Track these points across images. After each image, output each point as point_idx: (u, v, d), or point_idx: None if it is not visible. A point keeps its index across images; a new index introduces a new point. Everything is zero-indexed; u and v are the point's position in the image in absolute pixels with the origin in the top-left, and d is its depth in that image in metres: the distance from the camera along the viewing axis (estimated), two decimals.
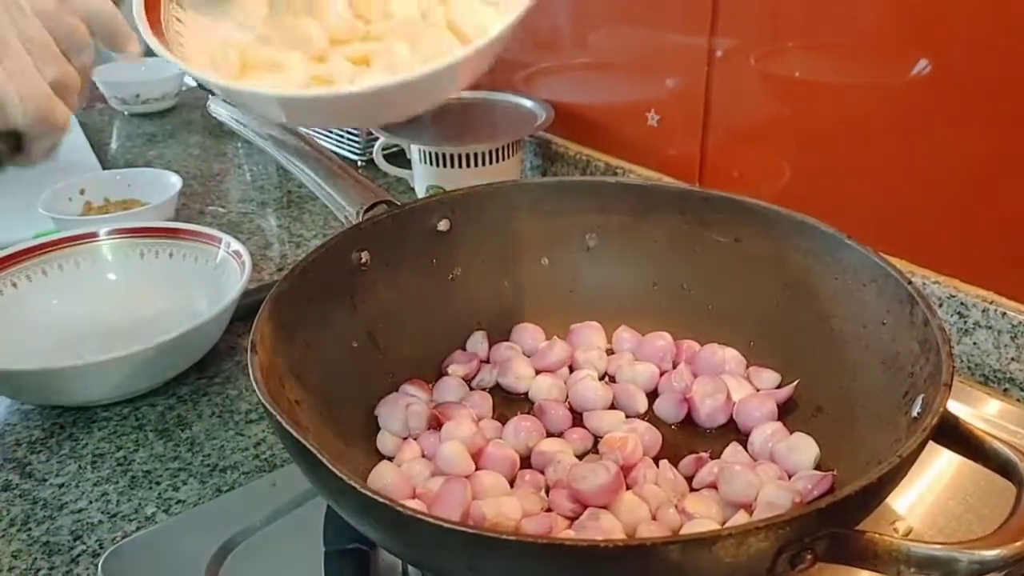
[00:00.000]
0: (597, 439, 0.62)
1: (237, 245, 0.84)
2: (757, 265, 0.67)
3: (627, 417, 0.64)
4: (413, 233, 0.69)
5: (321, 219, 1.10)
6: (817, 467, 0.57)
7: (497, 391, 0.67)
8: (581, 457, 0.60)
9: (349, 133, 1.23)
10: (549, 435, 0.62)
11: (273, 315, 0.57)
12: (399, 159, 1.11)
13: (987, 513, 0.59)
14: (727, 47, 0.88)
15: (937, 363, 0.51)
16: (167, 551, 0.59)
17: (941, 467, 0.63)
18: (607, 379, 0.68)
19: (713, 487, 0.56)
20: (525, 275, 0.73)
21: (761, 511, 0.53)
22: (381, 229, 0.67)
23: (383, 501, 0.43)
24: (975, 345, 0.75)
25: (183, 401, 0.76)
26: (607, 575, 0.42)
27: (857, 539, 0.43)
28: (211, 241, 0.86)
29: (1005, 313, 0.73)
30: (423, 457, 0.60)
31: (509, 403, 0.67)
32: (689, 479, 0.58)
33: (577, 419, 0.64)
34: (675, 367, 0.68)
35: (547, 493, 0.57)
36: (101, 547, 0.61)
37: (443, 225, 0.70)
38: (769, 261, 0.67)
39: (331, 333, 0.63)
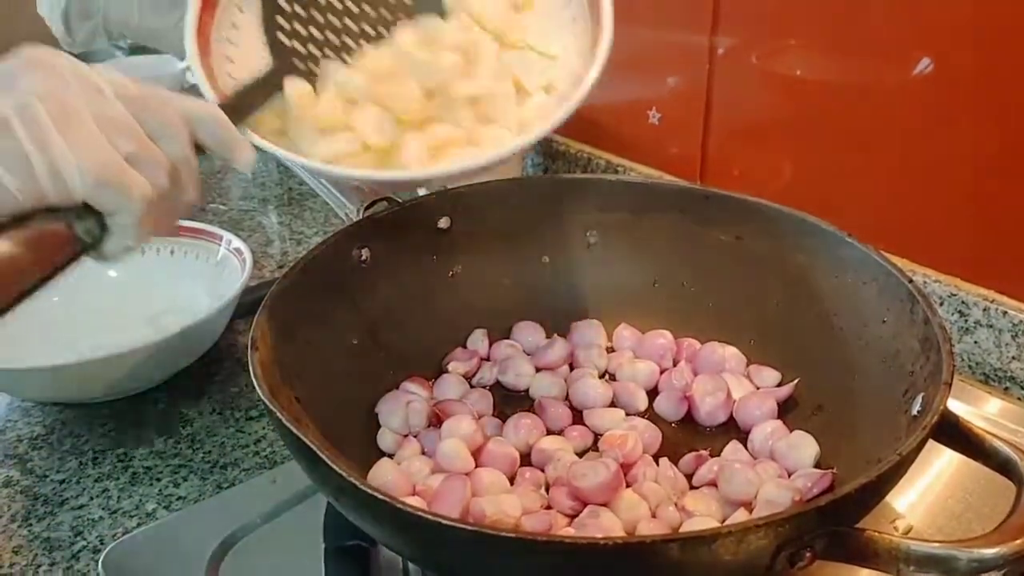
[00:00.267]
0: (597, 437, 0.62)
1: (238, 242, 0.84)
2: (758, 263, 0.67)
3: (627, 415, 0.64)
4: (414, 230, 0.69)
5: (322, 216, 1.10)
6: (817, 465, 0.57)
7: (497, 389, 0.67)
8: (581, 455, 0.60)
9: None
10: (549, 433, 0.62)
11: (274, 312, 0.57)
12: None
13: (987, 512, 0.59)
14: (728, 45, 0.88)
15: (937, 362, 0.51)
16: (168, 548, 0.60)
17: (941, 466, 0.63)
18: (607, 377, 0.68)
19: (713, 485, 0.56)
20: (526, 273, 0.73)
21: (761, 509, 0.53)
22: (382, 226, 0.67)
23: (383, 498, 0.43)
24: (976, 344, 0.75)
25: (184, 398, 0.76)
26: (607, 572, 0.42)
27: (856, 537, 0.43)
28: (212, 238, 0.86)
29: (1006, 312, 0.73)
30: (423, 454, 0.60)
31: (509, 401, 0.67)
32: (689, 477, 0.58)
33: (577, 417, 0.64)
34: (675, 365, 0.68)
35: (547, 491, 0.57)
36: (102, 543, 0.61)
37: (444, 223, 0.70)
38: (770, 259, 0.67)
39: (332, 330, 0.63)
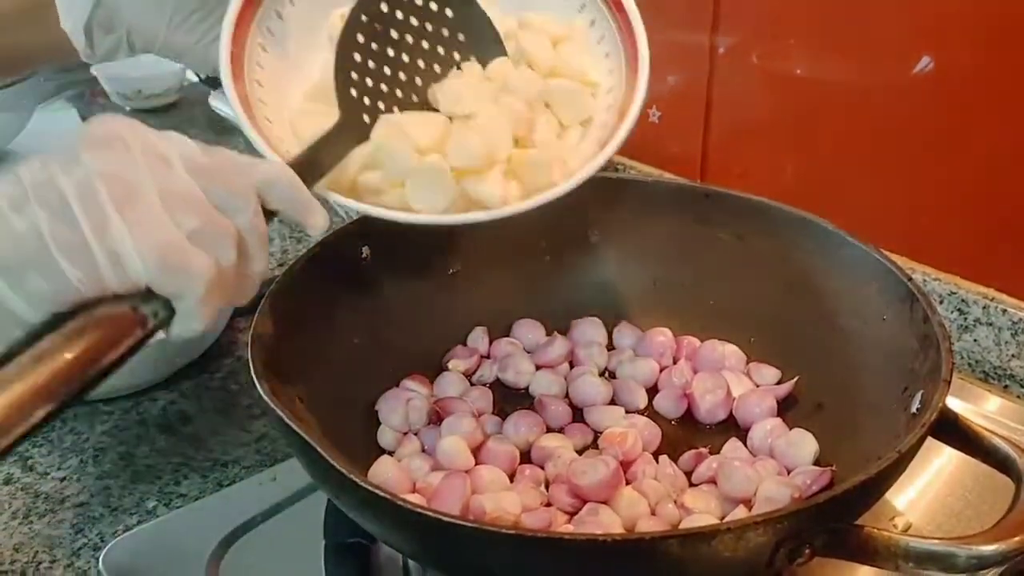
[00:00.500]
0: (597, 434, 0.62)
1: None
2: (758, 262, 0.67)
3: (627, 413, 0.64)
4: (415, 228, 0.69)
5: None
6: (816, 463, 0.57)
7: (498, 386, 0.68)
8: (581, 452, 0.60)
9: None
10: (549, 430, 0.62)
11: (274, 310, 0.57)
12: None
13: (986, 510, 0.59)
14: (729, 44, 0.88)
15: (937, 359, 0.51)
16: (168, 545, 0.60)
17: (941, 464, 0.63)
18: (607, 375, 0.68)
19: (712, 482, 0.57)
20: (526, 270, 0.73)
21: (760, 506, 0.53)
22: (382, 224, 0.67)
23: (383, 495, 0.43)
24: (975, 342, 0.76)
25: (184, 396, 0.76)
26: (606, 569, 0.42)
27: (855, 534, 0.43)
28: None
29: (1006, 310, 0.73)
30: (423, 452, 0.60)
31: (509, 398, 0.67)
32: (688, 474, 0.58)
33: (577, 414, 0.64)
34: (675, 363, 0.68)
35: (547, 488, 0.57)
36: (103, 540, 0.62)
37: None
38: (770, 258, 0.67)
39: (332, 328, 0.63)
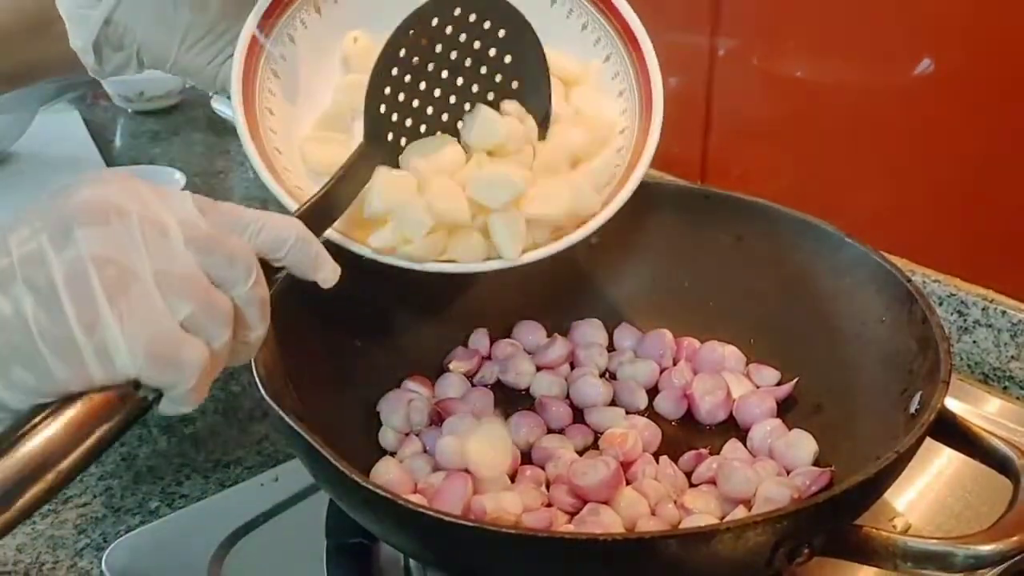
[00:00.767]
0: (597, 435, 0.62)
1: None
2: (757, 263, 0.68)
3: (627, 413, 0.64)
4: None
5: None
6: (816, 463, 0.58)
7: (498, 387, 0.68)
8: (581, 453, 0.61)
9: None
10: (550, 431, 0.63)
11: (276, 312, 0.57)
12: None
13: (985, 511, 0.60)
14: (729, 46, 0.88)
15: (935, 360, 0.51)
16: (171, 545, 0.60)
17: (940, 465, 0.63)
18: (607, 376, 0.69)
19: (712, 483, 0.57)
20: (527, 272, 0.73)
21: (760, 506, 0.53)
22: None
23: (385, 495, 0.43)
24: (975, 343, 0.76)
25: None
26: (607, 569, 0.42)
27: (854, 533, 0.43)
28: None
29: (1005, 312, 0.73)
30: (424, 453, 0.60)
31: (510, 399, 0.67)
32: (688, 475, 0.59)
33: (578, 415, 0.64)
34: (675, 364, 0.68)
35: (547, 488, 0.57)
36: (105, 541, 0.62)
37: None
38: (769, 259, 0.67)
39: (333, 329, 0.63)
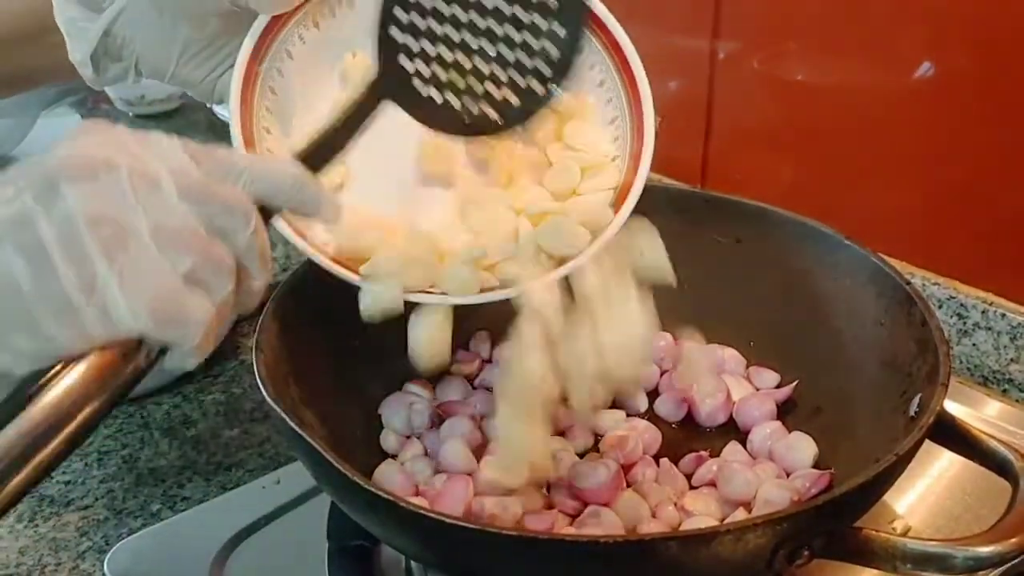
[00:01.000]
0: (598, 438, 0.62)
1: None
2: (757, 266, 0.68)
3: (628, 416, 0.64)
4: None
5: None
6: (815, 466, 0.58)
7: None
8: (582, 455, 0.61)
9: None
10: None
11: (277, 314, 0.57)
12: None
13: (985, 513, 0.60)
14: (729, 49, 0.88)
15: (935, 363, 0.51)
16: (172, 548, 0.60)
17: (940, 468, 0.63)
18: None
19: (712, 485, 0.57)
20: None
21: (760, 509, 0.53)
22: None
23: (387, 497, 0.44)
24: (974, 346, 0.76)
25: (188, 400, 0.77)
26: (607, 571, 0.43)
27: (854, 536, 0.43)
28: None
29: (1004, 314, 0.73)
30: (426, 455, 0.61)
31: None
32: (689, 477, 0.59)
33: None
34: (675, 367, 0.68)
35: (548, 491, 0.57)
36: (107, 544, 0.62)
37: None
38: (769, 262, 0.67)
39: (335, 332, 0.63)
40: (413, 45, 0.49)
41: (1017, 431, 0.68)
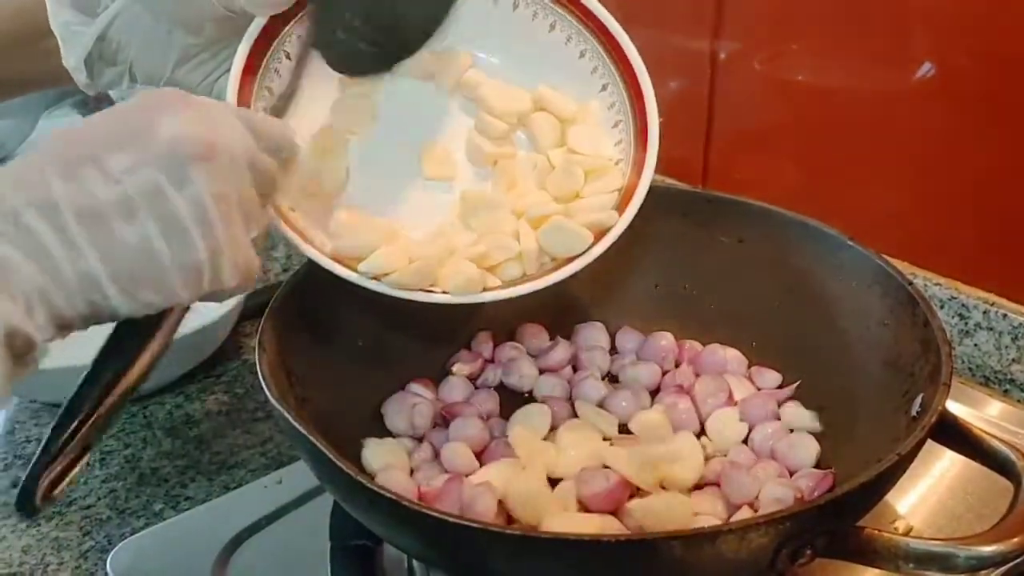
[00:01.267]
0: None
1: None
2: (759, 266, 0.68)
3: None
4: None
5: None
6: (817, 465, 0.58)
7: (501, 390, 0.68)
8: None
9: None
10: None
11: (280, 315, 0.57)
12: None
13: (987, 513, 0.60)
14: (730, 50, 0.88)
15: (937, 363, 0.51)
16: (175, 547, 0.60)
17: (942, 468, 0.63)
18: (610, 379, 0.69)
19: (716, 485, 0.57)
20: None
21: (763, 508, 0.53)
22: None
23: (390, 496, 0.44)
24: (976, 347, 0.76)
25: (190, 399, 0.77)
26: (611, 570, 0.43)
27: (856, 535, 0.43)
28: None
29: (1006, 315, 0.73)
30: (428, 455, 0.61)
31: (513, 402, 0.67)
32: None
33: None
34: (677, 367, 0.68)
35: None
36: (110, 543, 0.62)
37: None
38: (771, 262, 0.67)
39: (337, 332, 0.63)
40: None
41: (1018, 431, 0.68)
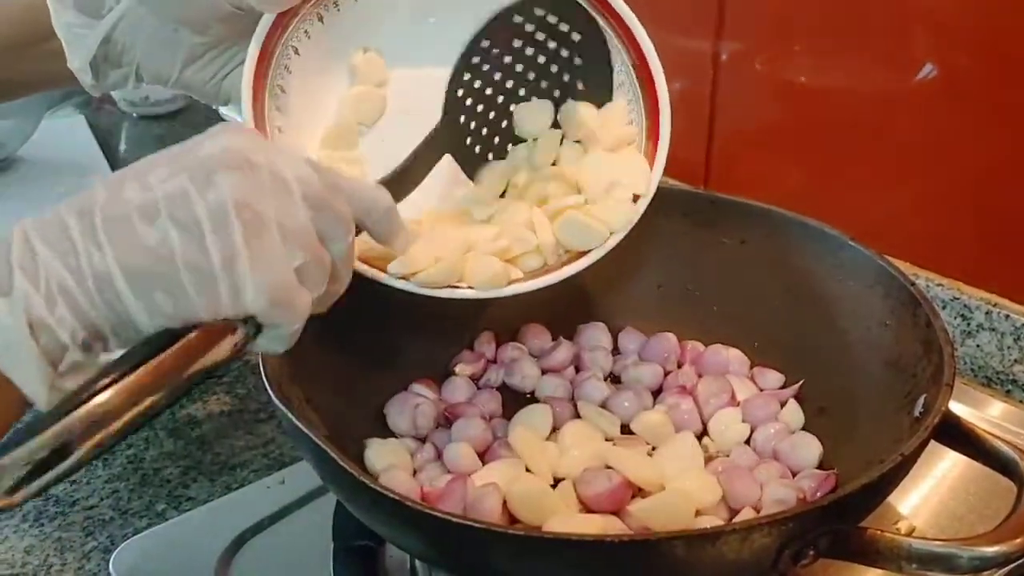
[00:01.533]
0: None
1: None
2: (762, 267, 0.68)
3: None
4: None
5: None
6: (819, 466, 0.58)
7: (504, 391, 0.68)
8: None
9: None
10: None
11: None
12: None
13: (990, 514, 0.60)
14: (732, 51, 0.88)
15: (939, 364, 0.51)
16: (177, 548, 0.60)
17: (944, 469, 0.63)
18: (612, 379, 0.69)
19: None
20: None
21: (766, 509, 0.53)
22: None
23: (394, 497, 0.44)
24: (978, 347, 0.76)
25: (193, 400, 0.77)
26: (613, 570, 0.43)
27: (859, 536, 0.43)
28: None
29: (1008, 315, 0.73)
30: (431, 455, 0.61)
31: (516, 402, 0.67)
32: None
33: None
34: (679, 367, 0.68)
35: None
36: (112, 543, 0.62)
37: None
38: (774, 263, 0.67)
39: (339, 332, 0.63)
40: (472, 101, 0.55)
41: (1021, 431, 0.68)
